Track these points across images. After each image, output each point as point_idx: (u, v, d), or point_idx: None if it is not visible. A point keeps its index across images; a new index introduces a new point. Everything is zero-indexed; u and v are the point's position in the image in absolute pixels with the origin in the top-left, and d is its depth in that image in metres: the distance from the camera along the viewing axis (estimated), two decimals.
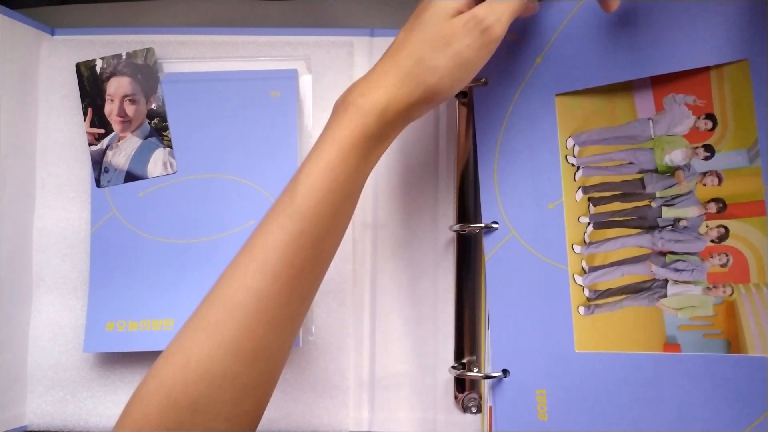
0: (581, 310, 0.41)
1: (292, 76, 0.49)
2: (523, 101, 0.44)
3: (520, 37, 0.44)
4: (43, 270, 0.49)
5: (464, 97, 0.48)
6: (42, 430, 0.48)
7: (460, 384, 0.47)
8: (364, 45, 0.51)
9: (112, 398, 0.48)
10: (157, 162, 0.49)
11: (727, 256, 0.37)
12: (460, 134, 0.49)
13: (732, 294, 0.37)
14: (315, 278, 0.36)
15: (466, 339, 0.47)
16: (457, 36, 0.35)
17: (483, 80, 0.45)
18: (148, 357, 0.48)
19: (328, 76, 0.50)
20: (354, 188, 0.36)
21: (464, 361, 0.47)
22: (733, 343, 0.36)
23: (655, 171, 0.40)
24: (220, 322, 0.33)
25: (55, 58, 0.50)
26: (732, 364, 0.36)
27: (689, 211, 0.38)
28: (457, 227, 0.47)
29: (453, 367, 0.47)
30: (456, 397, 0.47)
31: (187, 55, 0.51)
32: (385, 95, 0.35)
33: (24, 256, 0.49)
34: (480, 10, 0.35)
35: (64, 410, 0.48)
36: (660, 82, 0.39)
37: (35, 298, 0.49)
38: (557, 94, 0.42)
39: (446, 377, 0.48)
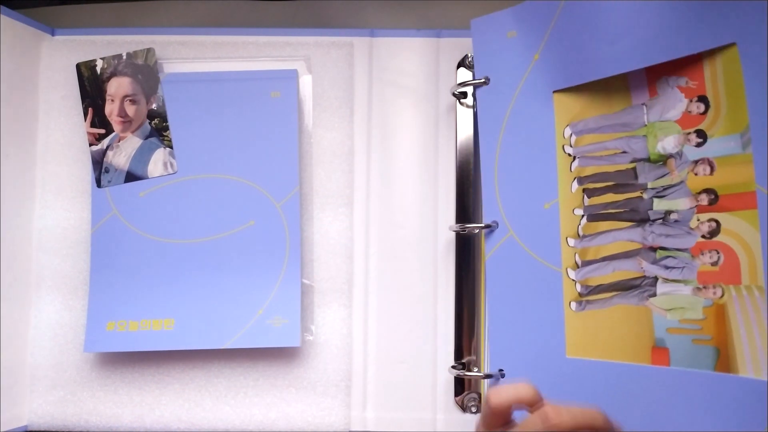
0: (573, 305, 0.41)
1: (293, 76, 0.49)
2: (523, 99, 0.43)
3: (519, 33, 0.44)
4: (43, 270, 0.49)
5: (464, 97, 0.48)
6: (42, 430, 0.48)
7: (460, 384, 0.47)
8: (364, 45, 0.51)
9: (113, 398, 0.48)
10: (157, 162, 0.49)
11: (718, 253, 0.36)
12: (460, 134, 0.49)
13: (722, 296, 0.35)
14: None
15: (466, 339, 0.48)
16: None
17: (484, 79, 0.46)
18: (148, 357, 0.48)
19: (328, 77, 0.50)
20: None
21: (464, 360, 0.47)
22: (723, 351, 0.35)
23: (648, 160, 0.39)
24: None
25: (55, 58, 0.50)
26: (722, 384, 0.34)
27: (680, 203, 0.37)
28: (457, 227, 0.47)
29: (453, 367, 0.47)
30: (456, 397, 0.48)
31: (188, 56, 0.51)
32: None
33: (24, 256, 0.49)
34: None
35: (64, 410, 0.48)
36: (653, 67, 0.38)
37: (35, 298, 0.49)
38: (555, 91, 0.42)
39: (446, 377, 0.48)
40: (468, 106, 0.48)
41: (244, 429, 0.47)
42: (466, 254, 0.48)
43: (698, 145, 0.37)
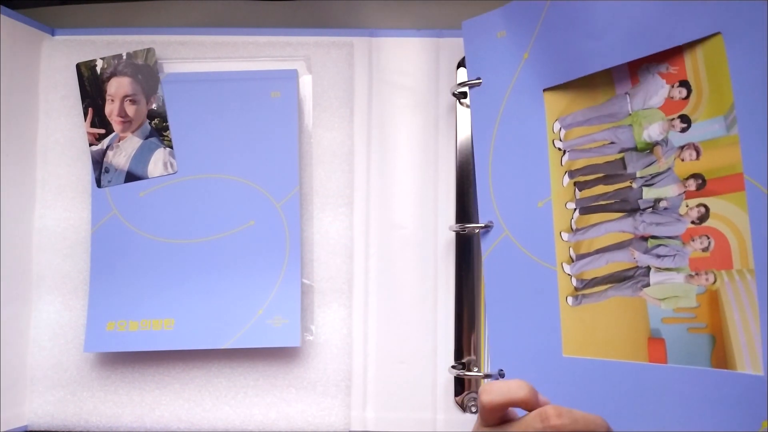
0: (569, 300, 0.41)
1: (293, 76, 0.50)
2: (514, 98, 0.44)
3: (508, 33, 0.44)
4: (43, 270, 0.49)
5: (464, 97, 0.48)
6: (42, 430, 0.48)
7: (460, 384, 0.47)
8: (364, 45, 0.51)
9: (113, 398, 0.48)
10: (157, 162, 0.49)
11: (708, 238, 0.36)
12: (460, 134, 0.49)
13: (715, 282, 0.35)
14: None
15: (466, 339, 0.48)
16: None
17: (478, 79, 0.46)
18: (148, 357, 0.48)
19: (328, 76, 0.50)
20: None
21: (464, 360, 0.47)
22: (718, 339, 0.35)
23: (635, 149, 0.39)
24: None
25: (55, 58, 0.50)
26: (720, 381, 0.34)
27: (669, 190, 0.37)
28: (456, 227, 0.47)
29: (453, 367, 0.47)
30: (456, 397, 0.48)
31: (188, 56, 0.51)
32: None
33: (24, 256, 0.49)
34: None
35: (64, 410, 0.48)
36: None
37: (35, 298, 0.49)
38: (545, 89, 0.43)
39: (446, 377, 0.48)
40: (468, 106, 0.48)
41: (244, 429, 0.47)
42: (466, 254, 0.48)
43: (683, 130, 0.37)
